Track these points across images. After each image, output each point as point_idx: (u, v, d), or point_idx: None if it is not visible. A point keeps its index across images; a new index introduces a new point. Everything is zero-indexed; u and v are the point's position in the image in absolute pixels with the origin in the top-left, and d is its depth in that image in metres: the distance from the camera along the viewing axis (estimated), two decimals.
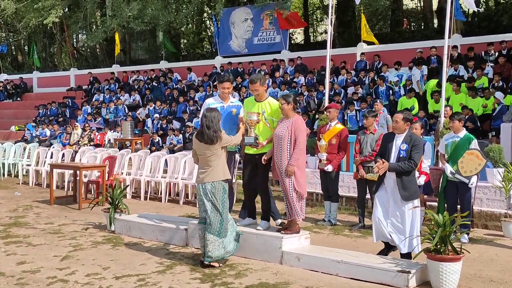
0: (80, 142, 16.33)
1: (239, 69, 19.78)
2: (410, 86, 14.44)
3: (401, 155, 6.08)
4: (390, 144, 6.25)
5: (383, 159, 6.11)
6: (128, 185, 10.90)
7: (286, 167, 6.22)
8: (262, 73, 18.36)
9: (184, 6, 22.45)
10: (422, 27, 23.56)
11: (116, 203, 8.09)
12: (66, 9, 26.95)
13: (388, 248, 6.33)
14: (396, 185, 6.06)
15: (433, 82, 13.56)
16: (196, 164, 6.41)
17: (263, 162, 6.42)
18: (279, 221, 7.20)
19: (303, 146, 6.37)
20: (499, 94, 12.45)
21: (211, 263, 6.03)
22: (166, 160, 11.48)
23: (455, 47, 15.31)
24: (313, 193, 10.23)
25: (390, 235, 6.09)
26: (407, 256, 6.07)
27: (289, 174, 6.22)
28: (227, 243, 6.10)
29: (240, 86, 18.06)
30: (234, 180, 7.65)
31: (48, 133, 18.50)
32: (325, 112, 9.42)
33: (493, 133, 11.87)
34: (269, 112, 6.56)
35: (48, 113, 21.70)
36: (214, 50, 22.61)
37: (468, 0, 10.87)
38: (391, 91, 14.77)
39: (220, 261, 6.10)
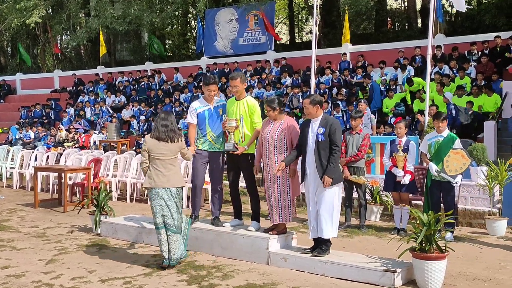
0: (64, 144, 16.19)
1: (225, 69, 19.76)
2: (395, 86, 14.57)
3: (320, 139, 5.87)
4: (306, 130, 6.06)
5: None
6: (112, 191, 10.82)
7: (291, 168, 6.24)
8: (248, 73, 18.40)
9: (168, 6, 22.39)
10: (406, 27, 23.75)
11: (102, 205, 8.03)
12: (50, 9, 26.70)
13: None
14: (316, 171, 5.92)
15: (422, 80, 13.70)
16: (146, 170, 6.20)
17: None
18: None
19: None
20: (448, 94, 12.69)
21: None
22: None
23: (438, 46, 15.48)
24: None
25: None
26: (322, 241, 5.92)
27: (293, 174, 6.27)
28: (182, 239, 6.20)
29: (225, 86, 18.04)
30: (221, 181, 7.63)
31: (32, 135, 18.33)
32: None
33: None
34: (246, 110, 6.59)
35: (32, 115, 21.50)
36: (199, 51, 22.50)
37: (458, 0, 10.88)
38: (378, 89, 14.90)
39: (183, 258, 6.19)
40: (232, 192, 6.94)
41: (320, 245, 5.99)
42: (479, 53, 14.91)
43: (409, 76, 14.61)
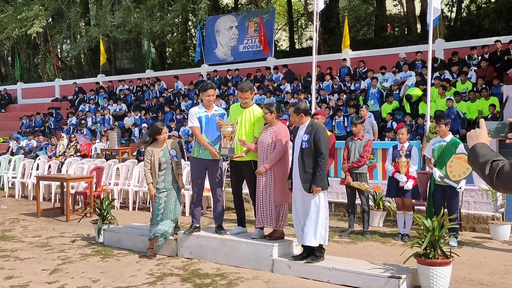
0: (66, 153, 16.17)
1: (228, 76, 19.80)
2: (398, 91, 14.55)
3: (303, 146, 5.89)
4: (294, 137, 6.10)
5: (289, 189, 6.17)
6: (115, 199, 10.81)
7: (259, 167, 6.32)
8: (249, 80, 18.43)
9: (168, 14, 22.48)
10: (406, 32, 23.80)
11: (105, 214, 8.02)
12: (50, 19, 26.79)
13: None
14: (300, 179, 5.91)
15: (418, 91, 13.74)
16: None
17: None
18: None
19: (281, 153, 6.32)
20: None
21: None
22: None
23: (439, 54, 15.50)
24: None
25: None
26: (310, 249, 5.93)
27: (258, 173, 6.33)
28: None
29: (226, 93, 18.08)
30: (223, 189, 7.63)
31: (34, 144, 18.32)
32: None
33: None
34: (251, 119, 6.60)
35: (33, 124, 21.52)
36: (200, 59, 22.54)
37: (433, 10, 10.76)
38: (380, 94, 14.89)
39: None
40: (235, 199, 6.95)
41: (314, 252, 5.97)
42: (479, 57, 14.92)
43: (413, 84, 14.54)
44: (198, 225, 6.96)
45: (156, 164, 7.04)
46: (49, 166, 13.33)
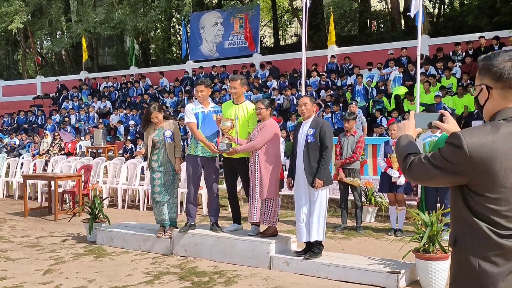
0: (50, 151, 15.92)
1: (213, 73, 19.70)
2: (384, 87, 14.64)
3: (309, 140, 5.89)
4: (297, 133, 6.12)
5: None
6: (106, 198, 10.68)
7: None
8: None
9: (152, 11, 22.29)
10: (390, 29, 23.96)
11: (96, 213, 7.91)
12: (30, 15, 26.35)
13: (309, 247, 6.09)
14: (305, 173, 5.93)
15: (403, 89, 13.85)
16: None
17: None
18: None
19: (258, 144, 6.26)
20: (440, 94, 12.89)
21: None
22: (142, 167, 11.31)
23: (424, 50, 15.63)
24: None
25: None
26: (310, 246, 5.98)
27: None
28: None
29: (212, 90, 17.99)
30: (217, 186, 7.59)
31: (17, 142, 18.02)
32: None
33: None
34: (245, 115, 6.56)
35: (15, 122, 21.16)
36: (186, 55, 22.39)
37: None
38: (366, 91, 14.97)
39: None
40: (230, 197, 6.90)
41: (312, 248, 5.99)
42: (464, 53, 15.08)
43: (397, 77, 14.64)
44: (193, 223, 6.91)
45: (150, 142, 7.14)
46: (34, 165, 13.10)
